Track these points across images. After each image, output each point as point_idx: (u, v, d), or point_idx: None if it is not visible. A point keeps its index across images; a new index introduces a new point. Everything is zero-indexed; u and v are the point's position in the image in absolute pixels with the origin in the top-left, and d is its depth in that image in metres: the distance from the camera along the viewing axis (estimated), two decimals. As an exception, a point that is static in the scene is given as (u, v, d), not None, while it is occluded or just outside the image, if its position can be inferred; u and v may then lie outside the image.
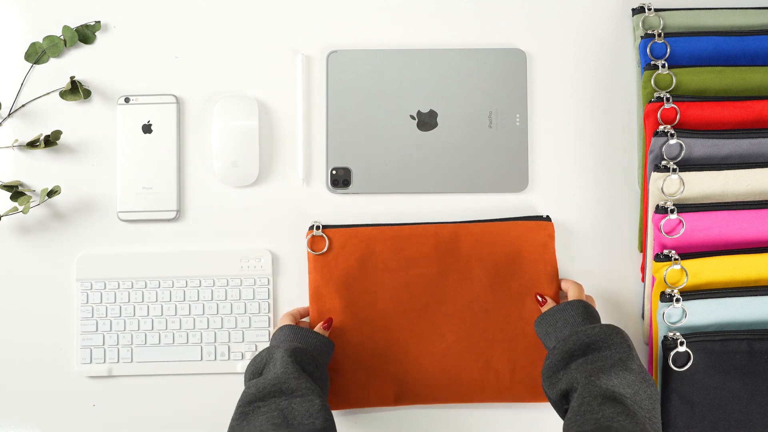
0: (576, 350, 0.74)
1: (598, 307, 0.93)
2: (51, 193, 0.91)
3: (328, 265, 0.89)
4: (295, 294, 0.93)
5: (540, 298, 0.87)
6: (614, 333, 0.75)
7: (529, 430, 0.92)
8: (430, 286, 0.89)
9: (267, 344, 0.92)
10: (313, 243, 0.90)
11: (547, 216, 0.91)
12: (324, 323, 0.88)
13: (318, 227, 0.89)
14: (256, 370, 0.77)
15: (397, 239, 0.89)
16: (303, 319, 0.90)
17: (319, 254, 0.89)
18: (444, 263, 0.89)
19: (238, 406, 0.71)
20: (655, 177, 0.87)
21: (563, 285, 0.88)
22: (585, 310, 0.81)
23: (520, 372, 0.88)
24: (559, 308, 0.82)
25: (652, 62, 0.89)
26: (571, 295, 0.84)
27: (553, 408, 0.77)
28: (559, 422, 0.77)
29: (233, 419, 0.71)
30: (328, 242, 0.89)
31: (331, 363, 0.88)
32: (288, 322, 0.85)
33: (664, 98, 0.87)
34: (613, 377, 0.70)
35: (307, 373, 0.76)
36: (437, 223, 0.90)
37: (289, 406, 0.70)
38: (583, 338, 0.75)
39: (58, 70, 0.95)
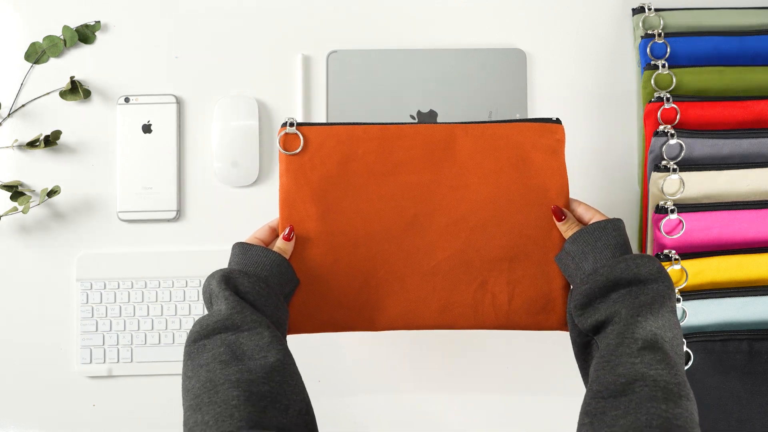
0: (621, 280, 0.66)
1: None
2: (51, 193, 0.91)
3: (302, 168, 0.76)
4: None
5: (558, 212, 0.75)
6: (660, 269, 0.66)
7: (534, 360, 0.92)
8: (420, 195, 0.77)
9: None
10: (286, 142, 0.76)
11: (557, 119, 0.78)
12: (285, 235, 0.75)
13: (292, 124, 0.76)
14: (206, 301, 0.71)
15: (384, 140, 0.77)
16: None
17: (292, 154, 0.76)
18: (437, 169, 0.77)
19: (185, 346, 0.66)
20: (655, 177, 0.87)
21: (574, 205, 0.76)
22: (622, 229, 0.71)
23: (520, 297, 0.76)
24: (599, 225, 0.71)
25: (652, 62, 0.89)
26: (591, 214, 0.74)
27: (570, 337, 0.71)
28: (562, 361, 0.74)
29: (183, 360, 0.66)
30: (303, 141, 0.76)
31: (302, 280, 0.76)
32: (250, 240, 0.76)
33: (664, 98, 0.87)
34: (659, 317, 0.63)
35: (251, 300, 0.68)
36: (431, 123, 0.79)
37: (237, 341, 0.64)
38: (632, 267, 0.66)
39: (58, 70, 0.95)
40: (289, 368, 0.64)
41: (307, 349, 0.94)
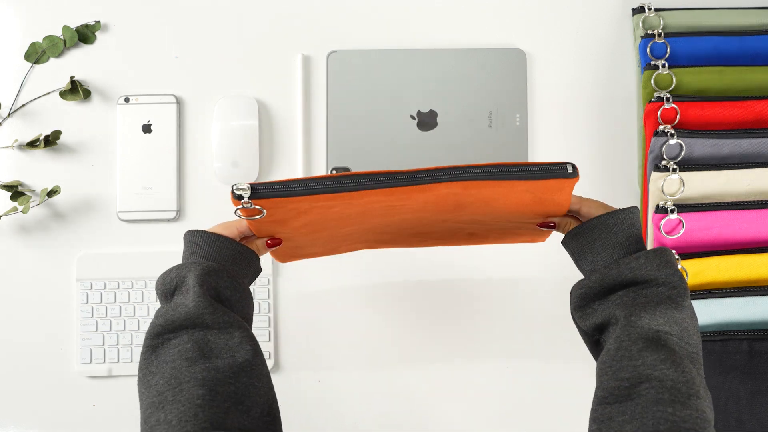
0: (618, 283, 0.63)
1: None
2: (51, 193, 0.91)
3: (267, 225, 0.67)
4: (296, 294, 0.93)
5: (545, 225, 0.70)
6: (663, 264, 0.62)
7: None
8: (408, 222, 0.70)
9: (266, 344, 0.92)
10: (247, 213, 0.64)
11: (573, 168, 0.62)
12: (270, 240, 0.70)
13: (240, 197, 0.61)
14: (167, 290, 0.65)
15: (354, 204, 0.63)
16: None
17: (254, 219, 0.65)
18: (426, 213, 0.67)
19: (146, 339, 0.62)
20: (655, 177, 0.87)
21: (576, 203, 0.69)
22: (630, 222, 0.65)
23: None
24: (600, 222, 0.65)
25: (652, 62, 0.89)
26: (592, 209, 0.68)
27: (582, 337, 0.68)
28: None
29: (142, 353, 0.62)
30: (264, 211, 0.64)
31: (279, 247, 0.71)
32: (219, 231, 0.68)
33: (664, 98, 0.87)
34: (658, 316, 0.59)
35: (224, 299, 0.64)
36: (414, 181, 0.62)
37: (205, 338, 0.60)
38: (625, 272, 0.62)
39: (58, 70, 0.95)
40: (257, 369, 0.61)
41: (307, 349, 0.94)
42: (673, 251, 0.64)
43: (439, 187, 0.62)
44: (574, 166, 0.62)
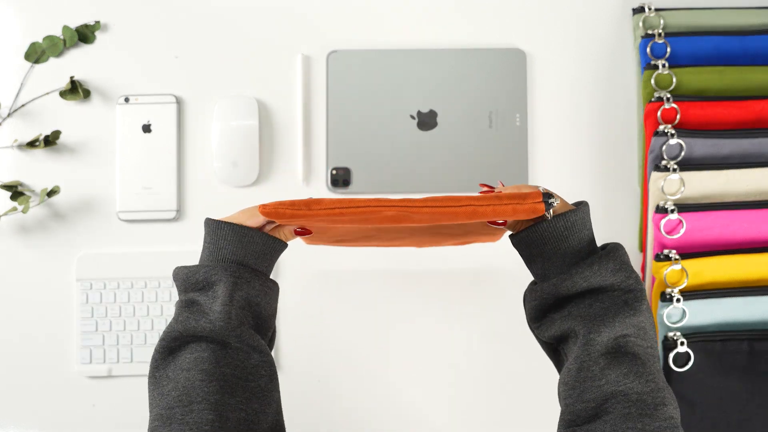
0: (571, 295, 0.60)
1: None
2: (51, 193, 0.91)
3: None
4: (295, 294, 0.93)
5: (494, 224, 0.64)
6: (618, 268, 0.59)
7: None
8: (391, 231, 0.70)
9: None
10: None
11: (547, 197, 0.61)
12: (298, 229, 0.68)
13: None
14: (190, 286, 0.62)
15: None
16: None
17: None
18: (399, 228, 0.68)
19: (164, 340, 0.60)
20: (655, 177, 0.87)
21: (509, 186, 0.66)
22: (581, 223, 0.62)
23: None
24: (547, 227, 0.61)
25: (652, 62, 0.89)
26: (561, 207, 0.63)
27: (540, 345, 0.65)
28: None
29: (157, 351, 0.60)
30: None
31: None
32: (243, 221, 0.65)
33: (664, 98, 0.87)
34: (617, 325, 0.57)
35: (254, 305, 0.62)
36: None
37: (224, 352, 0.59)
38: (579, 282, 0.59)
39: (58, 70, 0.95)
40: (268, 395, 0.60)
41: (307, 349, 0.94)
42: (623, 248, 0.61)
43: (401, 222, 0.62)
44: (549, 199, 0.61)
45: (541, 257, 0.62)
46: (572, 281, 0.59)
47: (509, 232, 0.65)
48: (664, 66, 0.88)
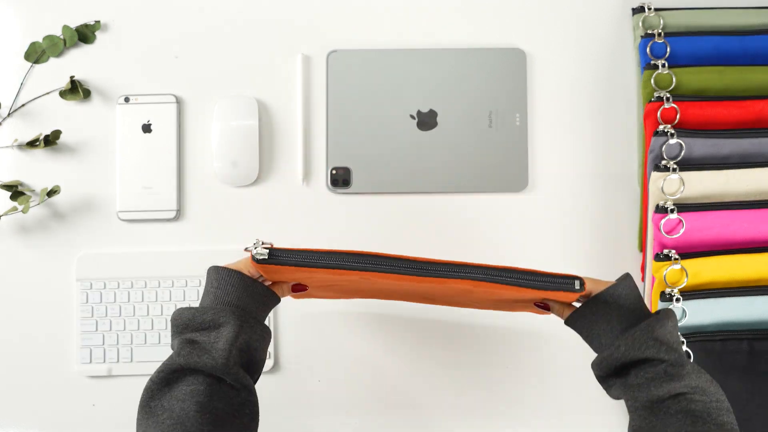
0: (621, 366, 0.66)
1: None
2: (51, 193, 0.91)
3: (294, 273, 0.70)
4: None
5: (542, 307, 0.73)
6: (654, 341, 0.64)
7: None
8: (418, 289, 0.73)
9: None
10: (263, 270, 0.69)
11: (580, 285, 0.65)
12: (295, 285, 0.74)
13: (258, 260, 0.66)
14: (192, 326, 0.66)
15: (372, 279, 0.68)
16: None
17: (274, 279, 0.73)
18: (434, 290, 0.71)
19: (162, 371, 0.64)
20: (655, 177, 0.87)
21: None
22: (625, 296, 0.67)
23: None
24: (592, 308, 0.68)
25: (652, 62, 0.89)
26: (594, 289, 0.69)
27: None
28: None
29: (153, 381, 0.64)
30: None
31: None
32: (248, 271, 0.70)
33: (664, 98, 0.87)
34: (660, 391, 0.64)
35: (252, 349, 0.67)
36: (425, 272, 0.66)
37: (218, 387, 0.64)
38: (624, 356, 0.65)
39: (58, 70, 0.95)
40: (252, 431, 0.66)
41: (307, 349, 0.94)
42: (668, 317, 0.66)
43: (449, 281, 0.65)
44: (582, 282, 0.65)
45: (595, 334, 0.69)
46: (620, 353, 0.65)
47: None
48: (663, 66, 0.88)
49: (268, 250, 0.66)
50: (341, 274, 0.66)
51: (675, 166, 0.86)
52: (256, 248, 0.66)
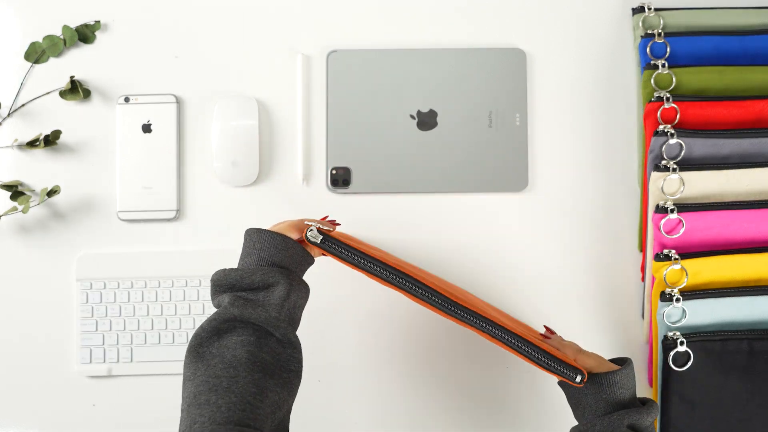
0: None
1: (598, 309, 0.93)
2: (51, 193, 0.91)
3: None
4: (295, 294, 0.93)
5: (547, 331, 0.80)
6: (627, 428, 0.69)
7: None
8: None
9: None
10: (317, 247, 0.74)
11: (581, 379, 0.70)
12: (332, 222, 0.78)
13: (311, 241, 0.73)
14: (239, 286, 0.69)
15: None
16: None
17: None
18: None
19: (215, 320, 0.66)
20: (655, 176, 0.87)
21: (570, 353, 0.75)
22: (620, 385, 0.72)
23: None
24: (591, 383, 0.72)
25: (652, 62, 0.89)
26: (588, 363, 0.73)
27: None
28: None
29: (204, 329, 0.66)
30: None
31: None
32: (288, 233, 0.73)
33: (664, 98, 0.87)
34: None
35: (297, 307, 0.71)
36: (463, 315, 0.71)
37: (267, 340, 0.67)
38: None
39: (58, 70, 0.95)
40: (292, 388, 0.67)
41: (307, 349, 0.94)
42: (655, 409, 0.71)
43: (468, 327, 0.71)
44: (583, 377, 0.69)
45: (575, 405, 0.74)
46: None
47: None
48: (663, 66, 0.88)
49: (322, 236, 0.72)
50: (375, 280, 0.72)
51: (675, 166, 0.86)
52: (311, 231, 0.72)
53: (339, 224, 0.79)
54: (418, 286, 0.71)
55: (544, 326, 0.82)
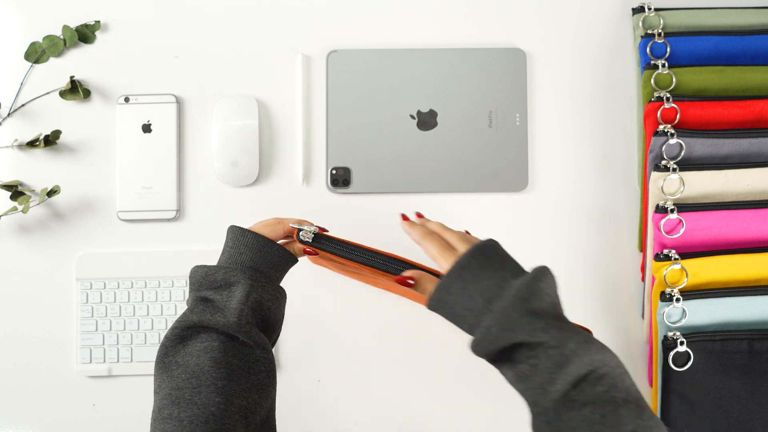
0: (498, 356, 0.64)
1: (598, 309, 0.93)
2: (51, 193, 0.91)
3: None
4: (295, 294, 0.93)
5: (402, 283, 0.70)
6: (523, 319, 0.60)
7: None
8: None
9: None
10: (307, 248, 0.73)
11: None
12: (307, 248, 0.73)
13: (303, 242, 0.72)
14: (205, 284, 0.68)
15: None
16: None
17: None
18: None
19: (176, 328, 0.65)
20: (655, 176, 0.87)
21: (426, 247, 0.69)
22: (472, 268, 0.63)
23: None
24: (444, 287, 0.64)
25: (652, 62, 0.89)
26: (431, 250, 0.67)
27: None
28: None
29: (168, 338, 0.65)
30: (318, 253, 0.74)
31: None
32: (265, 233, 0.72)
33: (664, 98, 0.87)
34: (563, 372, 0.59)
35: (264, 309, 0.68)
36: None
37: (232, 344, 0.65)
38: (493, 342, 0.62)
39: (58, 70, 0.95)
40: (266, 389, 0.65)
41: (307, 349, 0.94)
42: (547, 272, 0.64)
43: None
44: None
45: (454, 318, 0.66)
46: (486, 341, 0.63)
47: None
48: (663, 66, 0.88)
49: (314, 236, 0.72)
50: (368, 270, 0.72)
51: (675, 166, 0.86)
52: (301, 230, 0.72)
53: (327, 230, 0.76)
54: (378, 258, 0.72)
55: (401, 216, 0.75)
